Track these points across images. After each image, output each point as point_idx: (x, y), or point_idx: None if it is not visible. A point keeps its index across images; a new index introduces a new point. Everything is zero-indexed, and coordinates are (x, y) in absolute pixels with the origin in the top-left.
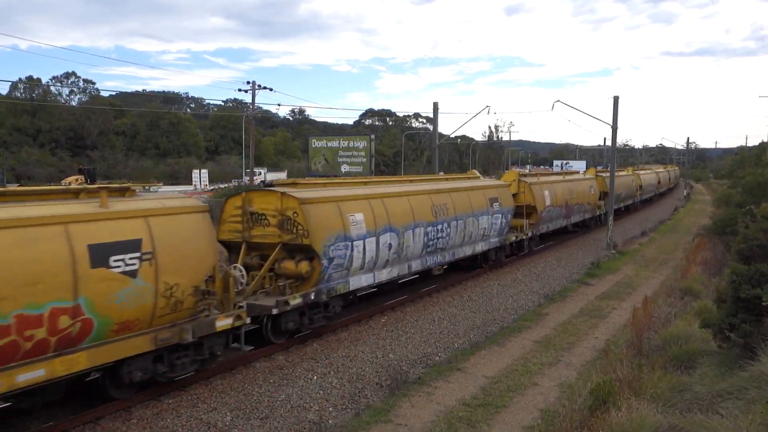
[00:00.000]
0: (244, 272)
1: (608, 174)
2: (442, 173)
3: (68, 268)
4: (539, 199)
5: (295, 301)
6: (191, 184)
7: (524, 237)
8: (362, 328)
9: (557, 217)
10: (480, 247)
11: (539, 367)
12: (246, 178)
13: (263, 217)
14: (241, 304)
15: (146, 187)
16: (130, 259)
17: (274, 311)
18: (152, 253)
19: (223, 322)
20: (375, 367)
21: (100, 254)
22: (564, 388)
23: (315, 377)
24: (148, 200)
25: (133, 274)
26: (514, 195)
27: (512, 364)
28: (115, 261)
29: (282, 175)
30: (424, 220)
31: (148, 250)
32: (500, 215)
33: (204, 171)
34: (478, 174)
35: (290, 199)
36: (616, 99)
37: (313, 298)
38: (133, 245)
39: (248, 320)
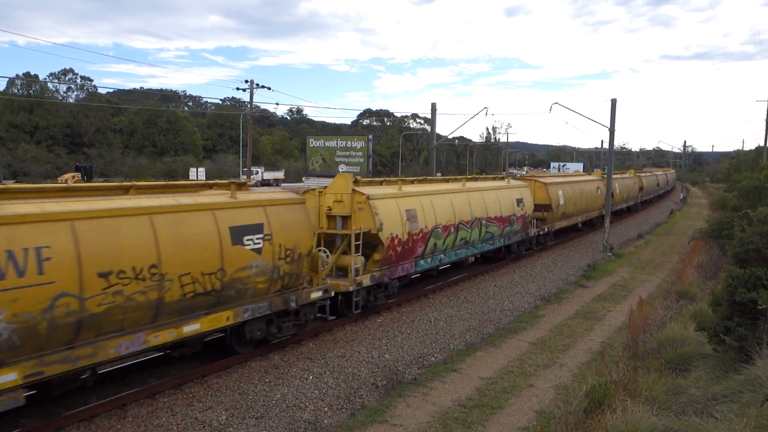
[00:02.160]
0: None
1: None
2: (439, 174)
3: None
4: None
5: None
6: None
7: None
8: (358, 327)
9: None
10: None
11: (535, 368)
12: (243, 177)
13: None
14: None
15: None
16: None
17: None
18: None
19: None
20: (371, 367)
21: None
22: (559, 390)
23: (310, 377)
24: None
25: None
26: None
27: (508, 366)
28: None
29: (279, 174)
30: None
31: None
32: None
33: (201, 169)
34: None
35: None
36: (613, 101)
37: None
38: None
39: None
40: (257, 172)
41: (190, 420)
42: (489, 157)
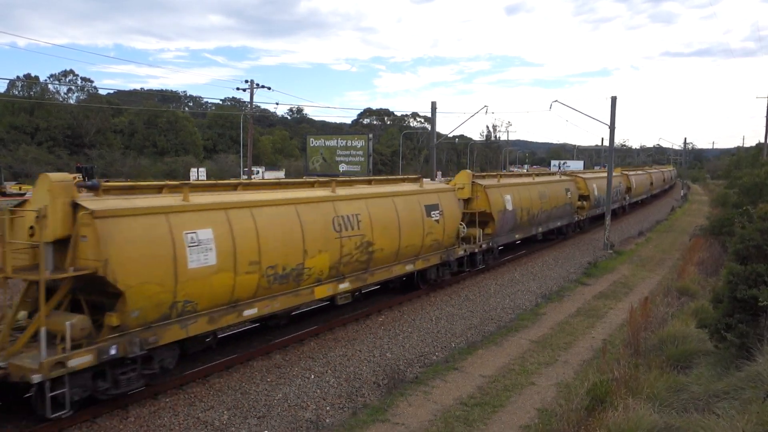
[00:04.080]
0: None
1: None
2: (439, 173)
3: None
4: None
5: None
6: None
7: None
8: (359, 327)
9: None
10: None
11: (536, 366)
12: (244, 177)
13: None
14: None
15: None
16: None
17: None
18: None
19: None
20: (372, 367)
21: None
22: (561, 388)
23: (312, 376)
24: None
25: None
26: None
27: (509, 364)
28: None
29: (280, 174)
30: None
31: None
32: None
33: (202, 169)
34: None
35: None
36: (613, 99)
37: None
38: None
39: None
40: (258, 172)
41: (192, 420)
42: (489, 156)
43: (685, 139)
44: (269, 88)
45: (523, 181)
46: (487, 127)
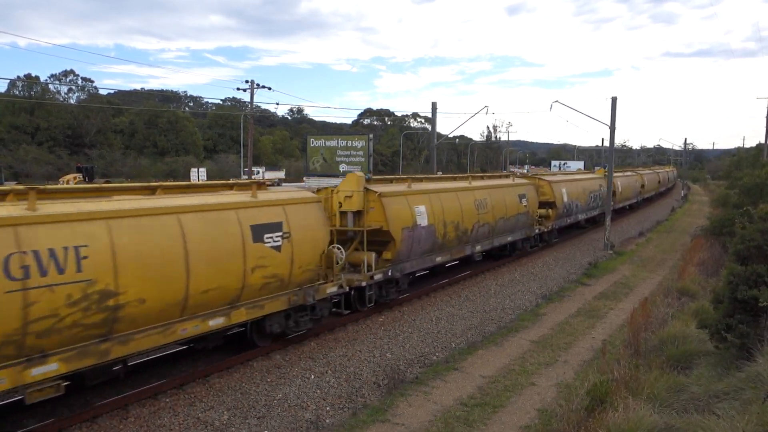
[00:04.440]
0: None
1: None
2: (440, 173)
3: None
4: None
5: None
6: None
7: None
8: (359, 327)
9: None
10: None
11: (537, 367)
12: (244, 177)
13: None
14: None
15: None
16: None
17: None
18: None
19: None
20: (372, 367)
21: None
22: (561, 388)
23: (312, 376)
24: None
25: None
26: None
27: (510, 364)
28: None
29: (280, 174)
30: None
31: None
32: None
33: (202, 169)
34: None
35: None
36: (614, 100)
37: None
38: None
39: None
40: (258, 172)
41: (192, 420)
42: (490, 156)
43: (686, 139)
44: (269, 89)
45: (449, 187)
46: (488, 127)
